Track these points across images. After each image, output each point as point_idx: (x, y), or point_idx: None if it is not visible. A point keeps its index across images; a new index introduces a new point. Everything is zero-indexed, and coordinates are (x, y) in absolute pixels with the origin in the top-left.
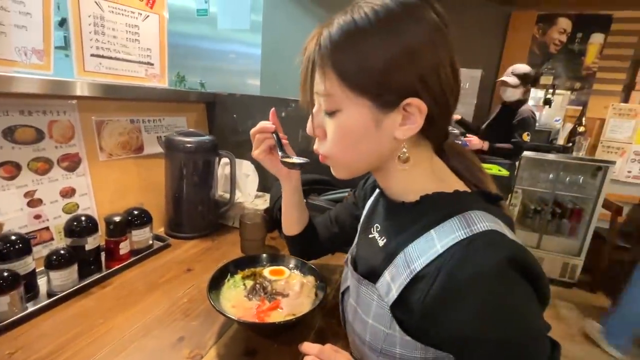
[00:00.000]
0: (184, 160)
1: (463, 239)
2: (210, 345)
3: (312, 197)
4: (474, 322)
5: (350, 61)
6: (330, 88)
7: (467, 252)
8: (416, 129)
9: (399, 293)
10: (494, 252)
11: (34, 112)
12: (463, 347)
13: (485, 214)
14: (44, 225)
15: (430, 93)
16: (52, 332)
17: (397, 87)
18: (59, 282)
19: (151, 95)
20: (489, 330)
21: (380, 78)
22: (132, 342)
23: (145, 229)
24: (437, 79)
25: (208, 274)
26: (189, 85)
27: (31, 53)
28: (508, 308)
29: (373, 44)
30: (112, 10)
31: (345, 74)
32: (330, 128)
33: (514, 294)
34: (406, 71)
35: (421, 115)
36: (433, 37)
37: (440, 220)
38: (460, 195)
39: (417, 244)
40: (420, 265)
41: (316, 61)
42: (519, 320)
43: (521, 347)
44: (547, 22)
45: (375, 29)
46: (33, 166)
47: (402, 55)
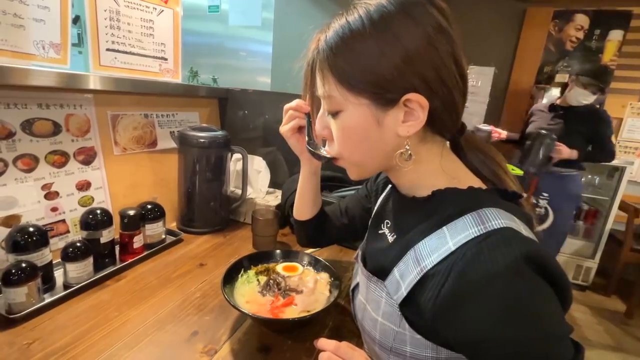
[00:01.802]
0: (197, 156)
1: (477, 236)
2: (224, 341)
3: (324, 193)
4: (488, 323)
5: (346, 63)
6: (330, 90)
7: (480, 250)
8: (419, 125)
9: (408, 291)
10: (509, 249)
11: (51, 105)
12: (477, 349)
13: (501, 211)
14: (61, 218)
15: (430, 88)
16: (68, 324)
17: (395, 85)
18: (75, 274)
19: (165, 90)
20: (505, 331)
21: (376, 78)
22: (146, 336)
23: (158, 223)
24: (438, 75)
25: (220, 269)
26: (202, 81)
27: (49, 47)
28: (525, 307)
29: (367, 46)
30: (127, 5)
31: (342, 76)
32: (334, 129)
33: (532, 292)
34: (403, 71)
35: (423, 110)
36: (432, 35)
37: (453, 217)
38: (474, 191)
39: (428, 241)
40: (431, 263)
41: (315, 65)
42: (537, 319)
43: (540, 349)
44: (564, 19)
45: (369, 31)
46: (50, 159)
47: (398, 56)
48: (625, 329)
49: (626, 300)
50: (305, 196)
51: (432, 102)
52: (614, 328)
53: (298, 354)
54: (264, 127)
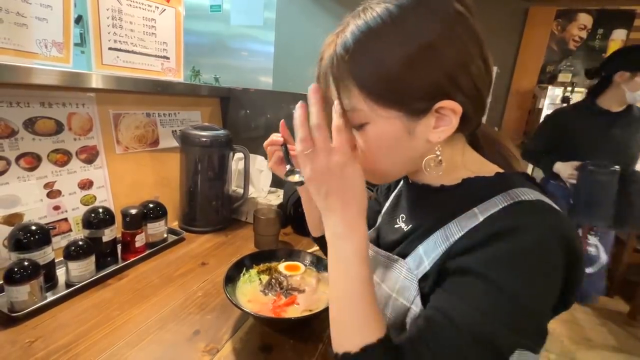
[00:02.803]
0: (199, 155)
1: (507, 205)
2: (226, 340)
3: None
4: (486, 260)
5: (372, 72)
6: (354, 103)
7: (511, 211)
8: (451, 130)
9: (431, 265)
10: (543, 217)
11: (53, 104)
12: (455, 274)
13: (529, 189)
14: (63, 217)
15: (462, 91)
16: (70, 322)
17: (426, 92)
18: (77, 273)
19: (167, 89)
20: (495, 271)
21: (406, 86)
22: (148, 334)
23: (160, 222)
24: (468, 74)
25: (222, 268)
26: (204, 81)
27: (51, 45)
28: (531, 270)
29: (391, 48)
30: (130, 4)
31: (368, 88)
32: (360, 141)
33: (547, 263)
34: (432, 72)
35: (456, 115)
36: (457, 29)
37: (484, 199)
38: (502, 176)
39: (459, 221)
40: (460, 236)
41: (334, 74)
42: (534, 286)
43: (512, 307)
44: (567, 18)
45: (391, 30)
46: (52, 158)
47: (424, 56)
48: (629, 329)
49: (629, 301)
50: (311, 217)
51: (464, 106)
52: (617, 329)
53: (300, 353)
54: (265, 127)
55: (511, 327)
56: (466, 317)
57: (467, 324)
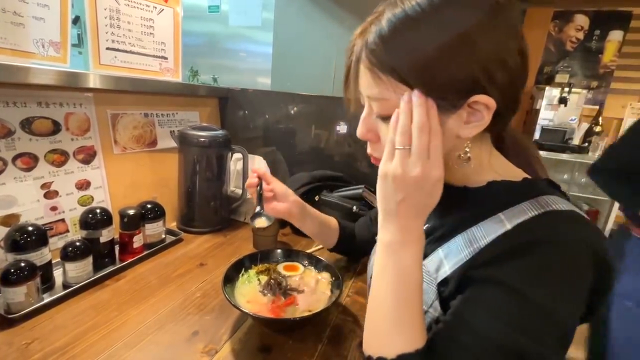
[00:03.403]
0: (197, 155)
1: (538, 214)
2: (225, 340)
3: (324, 193)
4: (518, 273)
5: (407, 60)
6: (384, 92)
7: (543, 221)
8: (482, 126)
9: (452, 270)
10: (576, 230)
11: (51, 104)
12: (482, 284)
13: (561, 199)
14: (60, 217)
15: (497, 86)
16: (67, 324)
17: (461, 84)
18: (74, 274)
19: (165, 89)
20: (527, 285)
21: (441, 77)
22: (146, 335)
23: (158, 222)
24: (505, 69)
25: (221, 269)
26: (203, 81)
27: (48, 45)
28: (564, 285)
29: (430, 37)
30: (127, 4)
31: (402, 76)
32: (385, 133)
33: (579, 279)
34: (469, 64)
35: (488, 111)
36: (497, 21)
37: (510, 204)
38: (530, 182)
39: (482, 225)
40: (486, 243)
41: (365, 62)
42: (565, 302)
43: (543, 322)
44: (564, 19)
45: (430, 19)
46: (50, 158)
47: (462, 46)
48: None
49: None
50: (314, 234)
51: (497, 102)
52: None
53: (299, 354)
54: (264, 127)
55: (540, 343)
56: (494, 330)
57: (495, 338)
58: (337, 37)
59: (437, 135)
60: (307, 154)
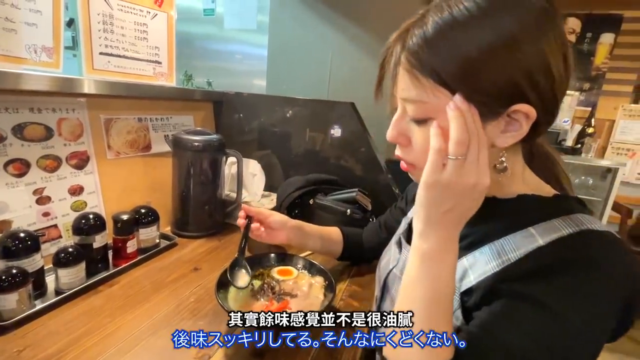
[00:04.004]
0: (191, 159)
1: (574, 232)
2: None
3: (319, 197)
4: (555, 291)
5: (451, 65)
6: (422, 95)
7: (581, 240)
8: (520, 136)
9: (478, 280)
10: (616, 252)
11: (43, 109)
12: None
13: (594, 218)
14: (53, 223)
15: (540, 96)
16: (60, 330)
17: (504, 91)
18: (67, 280)
19: (159, 93)
20: (562, 303)
21: (485, 82)
22: (139, 341)
23: (152, 227)
24: (549, 78)
25: (215, 273)
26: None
27: (41, 50)
28: (597, 307)
29: (475, 40)
30: (121, 9)
31: (443, 80)
32: (418, 137)
33: (614, 302)
34: (514, 70)
35: (528, 121)
36: (545, 27)
37: (540, 220)
38: (560, 198)
39: (512, 238)
40: (516, 256)
41: (404, 64)
42: (598, 323)
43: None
44: None
45: (477, 23)
46: (42, 164)
47: (508, 51)
48: None
49: None
50: (317, 251)
51: (538, 112)
52: None
53: (292, 358)
54: (259, 130)
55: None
56: (527, 350)
57: (522, 352)
58: (332, 41)
59: (484, 142)
60: (302, 157)
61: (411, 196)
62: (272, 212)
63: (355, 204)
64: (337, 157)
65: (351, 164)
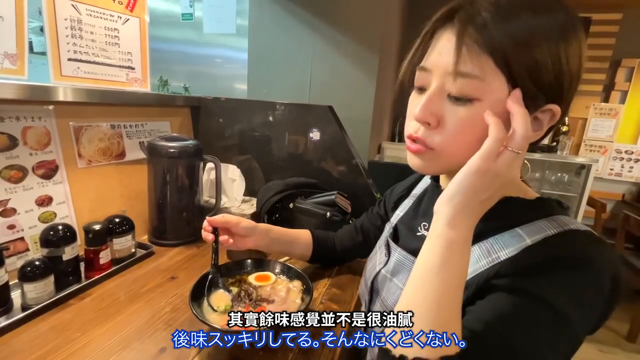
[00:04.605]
0: (167, 166)
1: (559, 232)
2: (193, 356)
3: (298, 200)
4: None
5: (519, 47)
6: (484, 72)
7: (568, 238)
8: (538, 137)
9: (470, 277)
10: (601, 251)
11: (6, 118)
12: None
13: (574, 219)
14: (19, 236)
15: (567, 100)
16: (25, 348)
17: (553, 89)
18: (33, 295)
19: (133, 99)
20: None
21: (544, 75)
22: (110, 355)
23: (127, 237)
24: (577, 80)
25: (192, 281)
26: (173, 90)
27: (3, 57)
28: (587, 301)
29: (546, 32)
30: (90, 14)
31: (509, 61)
32: (454, 117)
33: (601, 296)
34: (565, 67)
35: (549, 123)
36: (580, 29)
37: (525, 221)
38: (543, 201)
39: (499, 238)
40: (506, 255)
41: (467, 35)
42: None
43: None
44: None
45: (547, 13)
46: (6, 174)
47: (566, 47)
48: None
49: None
50: (285, 253)
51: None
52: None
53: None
54: (239, 135)
55: (563, 355)
56: (521, 339)
57: (522, 345)
58: (312, 44)
59: (530, 132)
60: (283, 161)
61: (391, 203)
62: (239, 218)
63: (335, 206)
64: (317, 161)
65: (331, 166)
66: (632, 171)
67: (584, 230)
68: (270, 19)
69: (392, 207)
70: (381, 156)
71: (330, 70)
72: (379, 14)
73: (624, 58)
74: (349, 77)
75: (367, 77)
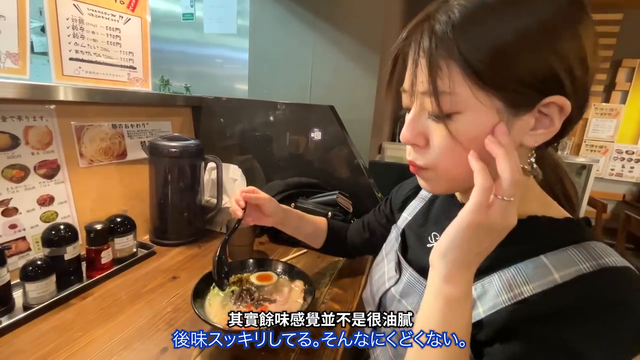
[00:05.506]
0: (169, 166)
1: (592, 272)
2: (195, 356)
3: (300, 200)
4: (586, 337)
5: (482, 48)
6: (451, 85)
7: (605, 280)
8: (550, 134)
9: (487, 314)
10: (638, 293)
11: (8, 117)
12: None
13: (609, 248)
14: (20, 235)
15: (575, 87)
16: (27, 348)
17: (539, 80)
18: (35, 294)
19: (134, 99)
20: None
21: (519, 67)
22: (111, 355)
23: (128, 236)
24: (584, 68)
25: (194, 281)
26: (174, 90)
27: (5, 57)
28: (623, 351)
29: (509, 23)
30: (91, 13)
31: (475, 67)
32: (438, 135)
33: (632, 346)
34: (551, 57)
35: (561, 117)
36: (581, 17)
37: (552, 247)
38: (572, 222)
39: (522, 267)
40: (530, 291)
41: (431, 53)
42: None
43: None
44: None
45: (512, 9)
46: (7, 174)
47: (545, 36)
48: None
49: None
50: (299, 235)
51: (572, 106)
52: None
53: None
54: (240, 135)
55: None
56: None
57: None
58: (313, 44)
59: (521, 176)
60: (284, 161)
61: (398, 202)
62: (269, 197)
63: (337, 206)
64: (318, 161)
65: (332, 166)
66: (632, 171)
67: (620, 267)
68: (271, 19)
69: (399, 208)
70: (382, 156)
71: (331, 70)
72: (380, 13)
73: (624, 58)
74: (349, 77)
75: (368, 77)
